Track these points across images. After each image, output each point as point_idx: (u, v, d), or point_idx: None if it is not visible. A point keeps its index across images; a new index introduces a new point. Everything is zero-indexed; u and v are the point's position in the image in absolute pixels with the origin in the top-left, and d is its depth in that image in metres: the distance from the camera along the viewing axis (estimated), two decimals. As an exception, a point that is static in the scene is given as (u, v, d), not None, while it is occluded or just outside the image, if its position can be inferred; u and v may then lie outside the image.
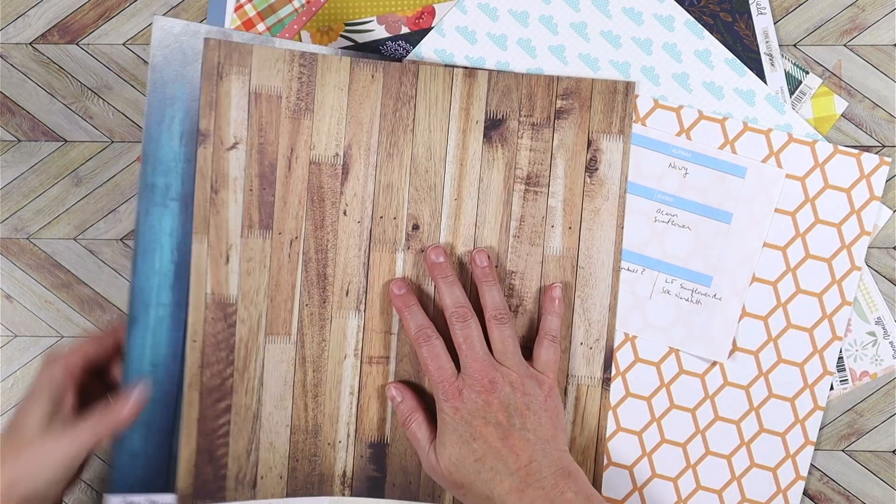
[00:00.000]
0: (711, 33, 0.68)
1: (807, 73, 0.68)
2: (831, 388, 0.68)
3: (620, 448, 0.67)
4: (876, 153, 0.68)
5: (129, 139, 0.70)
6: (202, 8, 0.70)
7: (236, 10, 0.69)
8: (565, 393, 0.65)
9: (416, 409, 0.63)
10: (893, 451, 0.68)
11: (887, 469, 0.68)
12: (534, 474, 0.57)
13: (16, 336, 0.70)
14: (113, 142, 0.70)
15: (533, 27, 0.68)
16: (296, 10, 0.69)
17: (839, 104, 0.68)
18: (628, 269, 0.67)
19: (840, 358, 0.68)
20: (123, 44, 0.70)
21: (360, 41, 0.68)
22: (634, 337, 0.68)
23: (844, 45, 0.69)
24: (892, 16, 0.69)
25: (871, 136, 0.69)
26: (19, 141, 0.70)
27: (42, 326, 0.70)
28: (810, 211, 0.67)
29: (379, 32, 0.69)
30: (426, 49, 0.68)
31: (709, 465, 0.67)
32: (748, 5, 0.68)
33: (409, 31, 0.69)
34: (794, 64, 0.68)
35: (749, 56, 0.68)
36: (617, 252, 0.65)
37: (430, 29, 0.68)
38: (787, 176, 0.67)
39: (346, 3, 0.69)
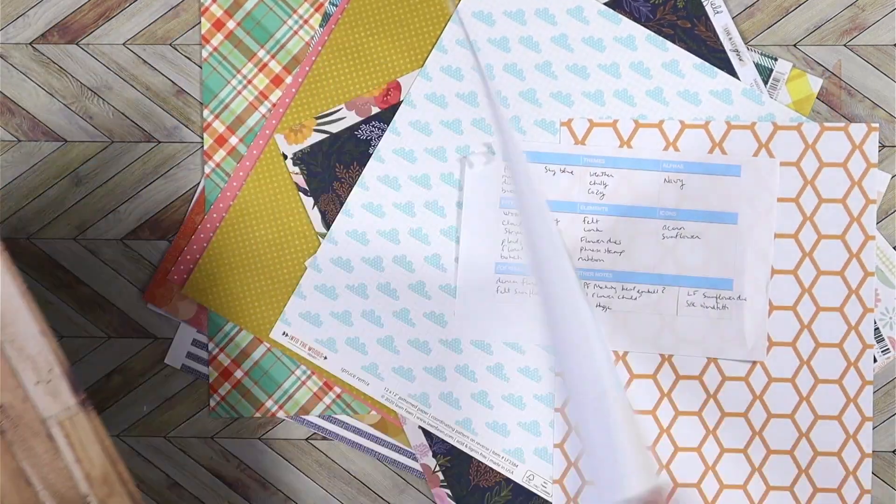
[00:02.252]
0: (674, 43, 0.68)
1: (775, 59, 0.68)
2: (874, 360, 0.67)
3: (682, 468, 0.67)
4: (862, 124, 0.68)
5: (129, 139, 0.70)
6: (202, 7, 0.70)
7: (205, 128, 0.69)
8: (51, 438, 0.55)
9: None
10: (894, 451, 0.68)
11: (948, 425, 0.68)
12: None
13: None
14: (113, 142, 0.70)
15: (500, 78, 0.68)
16: (263, 115, 0.69)
17: (814, 83, 0.68)
18: (648, 291, 0.67)
19: (876, 329, 0.67)
20: (123, 44, 0.70)
21: (335, 131, 0.68)
22: (671, 356, 0.67)
23: (844, 45, 0.69)
24: (892, 16, 0.69)
25: (856, 111, 0.69)
26: (19, 141, 0.70)
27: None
28: (812, 192, 0.67)
29: (350, 118, 0.68)
30: (401, 123, 0.68)
31: (774, 465, 0.67)
32: (703, 7, 0.68)
33: (379, 109, 0.68)
34: (762, 54, 0.68)
35: (716, 56, 0.68)
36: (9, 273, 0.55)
37: (399, 103, 0.68)
38: (782, 164, 0.67)
39: (312, 97, 0.68)
